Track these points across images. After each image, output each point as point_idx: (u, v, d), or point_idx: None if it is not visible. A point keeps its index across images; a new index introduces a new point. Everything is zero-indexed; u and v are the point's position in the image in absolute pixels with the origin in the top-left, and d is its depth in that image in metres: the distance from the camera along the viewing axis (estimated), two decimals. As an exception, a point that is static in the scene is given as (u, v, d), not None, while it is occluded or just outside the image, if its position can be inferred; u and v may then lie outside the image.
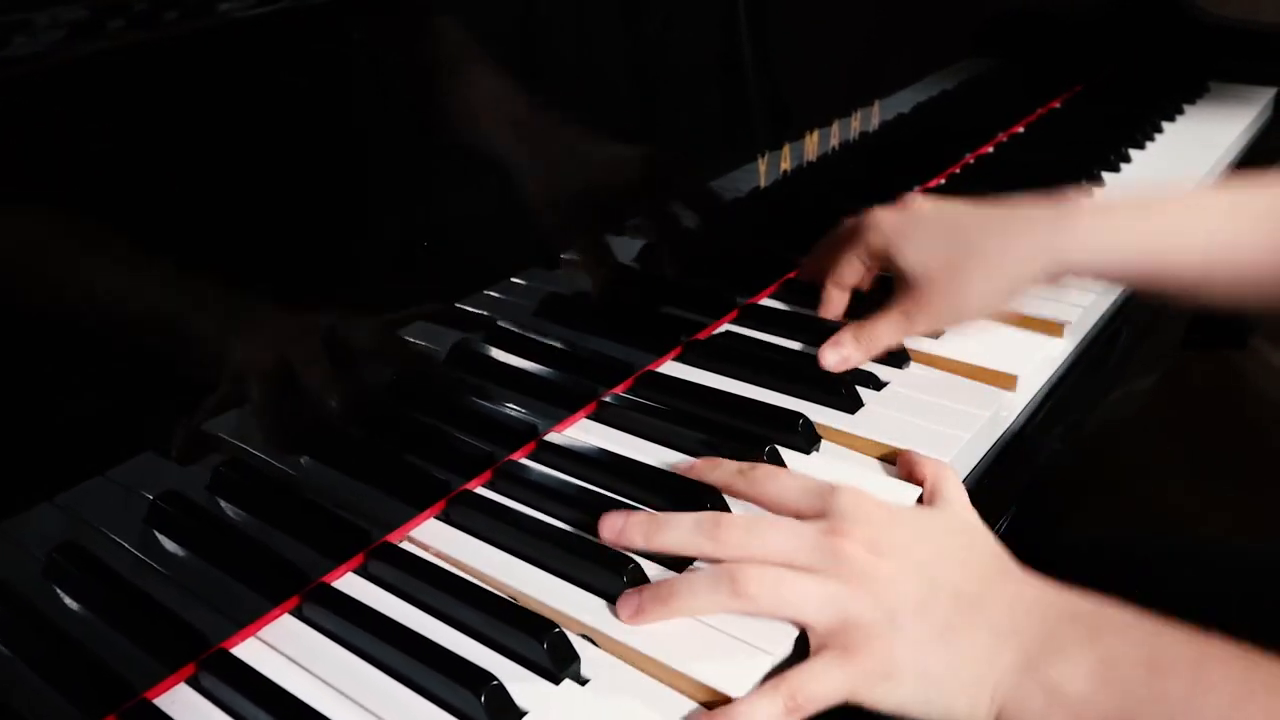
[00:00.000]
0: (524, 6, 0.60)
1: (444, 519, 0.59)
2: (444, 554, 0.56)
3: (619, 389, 0.70)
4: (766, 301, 0.83)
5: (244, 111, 0.48)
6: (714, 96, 0.77)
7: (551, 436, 0.65)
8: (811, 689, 0.46)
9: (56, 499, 0.45)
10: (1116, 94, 1.37)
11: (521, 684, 0.47)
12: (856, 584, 0.48)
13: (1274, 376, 1.05)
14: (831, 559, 0.49)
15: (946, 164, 1.09)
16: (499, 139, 0.61)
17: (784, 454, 0.62)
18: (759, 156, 0.79)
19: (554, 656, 0.48)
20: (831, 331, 0.72)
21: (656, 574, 0.53)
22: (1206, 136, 1.18)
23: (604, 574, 0.52)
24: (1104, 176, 1.07)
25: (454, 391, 0.62)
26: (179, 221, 0.46)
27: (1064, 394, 0.74)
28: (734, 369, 0.72)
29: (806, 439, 0.64)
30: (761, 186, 0.81)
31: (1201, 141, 1.17)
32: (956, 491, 0.57)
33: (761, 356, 0.73)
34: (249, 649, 0.51)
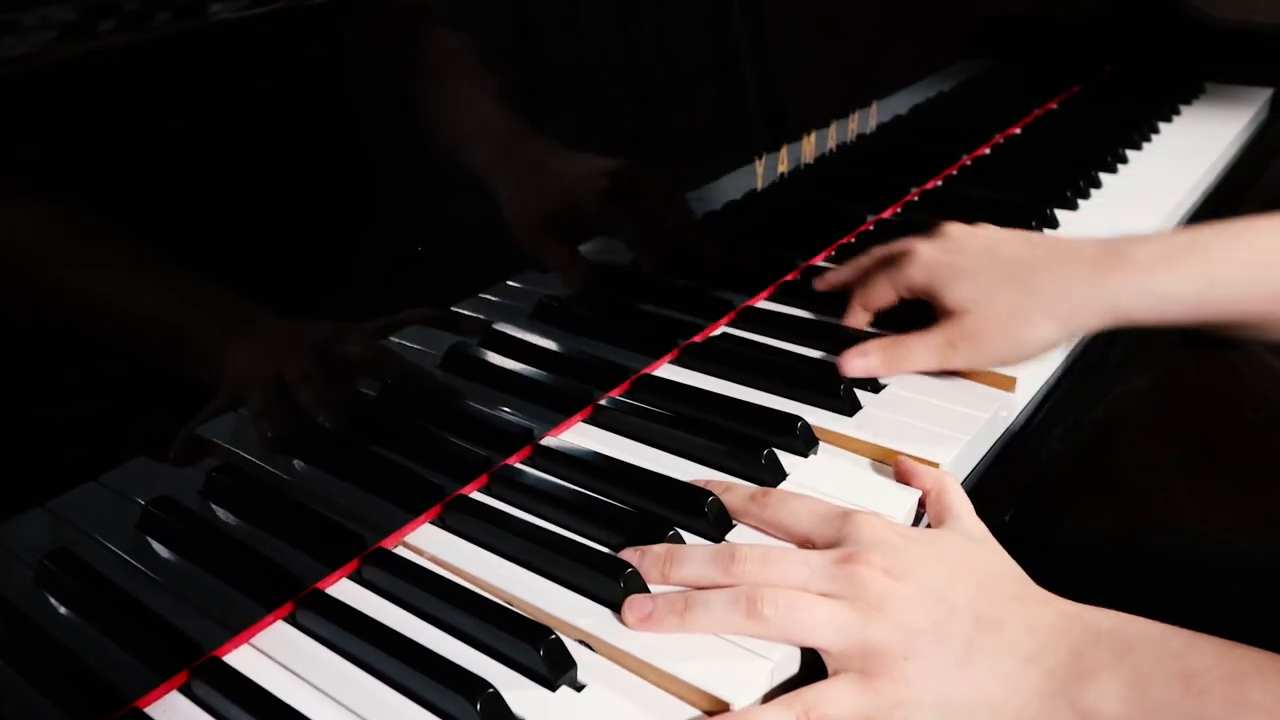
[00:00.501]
0: (519, 8, 0.60)
1: (439, 524, 0.59)
2: (439, 559, 0.56)
3: (615, 392, 0.70)
4: (763, 304, 0.82)
5: (240, 115, 0.47)
6: (711, 99, 0.77)
7: (547, 441, 0.65)
8: (826, 708, 0.45)
9: (49, 504, 0.44)
10: (1113, 95, 1.37)
11: (517, 691, 0.47)
12: (874, 609, 0.47)
13: (1273, 377, 1.05)
14: (848, 585, 0.48)
15: (944, 165, 1.08)
16: (494, 142, 0.61)
17: (782, 457, 0.62)
18: (756, 159, 0.79)
19: (550, 663, 0.47)
20: (829, 335, 0.72)
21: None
22: (1203, 137, 1.18)
23: (601, 579, 0.52)
24: (1101, 177, 1.06)
25: (449, 396, 0.62)
26: (172, 226, 0.46)
27: (1063, 395, 0.73)
28: (731, 372, 0.72)
29: (804, 442, 0.63)
30: (759, 189, 0.80)
31: (1199, 142, 1.17)
32: (964, 505, 0.56)
33: (759, 359, 0.73)
34: (242, 656, 0.50)
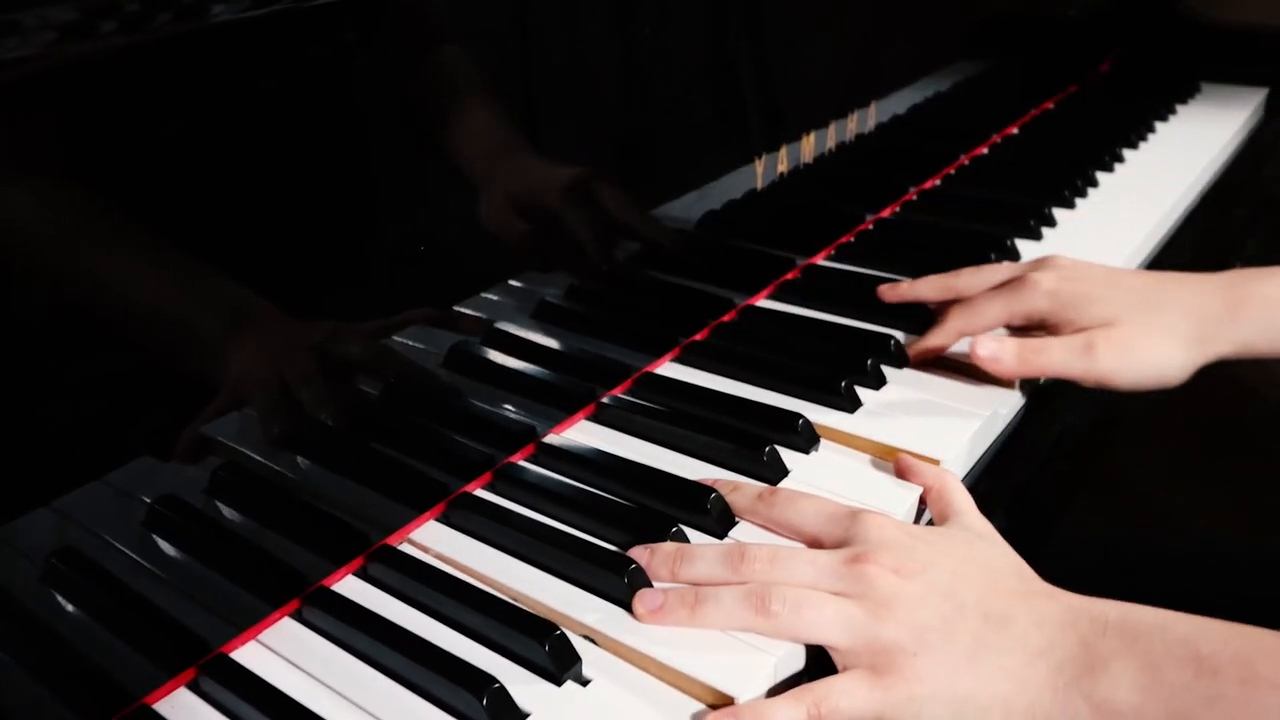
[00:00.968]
0: (519, 10, 0.60)
1: (444, 521, 0.59)
2: (444, 556, 0.56)
3: (617, 390, 0.70)
4: (764, 303, 0.83)
5: (246, 115, 0.48)
6: (712, 99, 0.77)
7: (550, 438, 0.65)
8: (836, 702, 0.46)
9: (54, 504, 0.44)
10: (1110, 95, 1.37)
11: (523, 686, 0.47)
12: (883, 608, 0.48)
13: (1272, 376, 1.05)
14: (857, 584, 0.49)
15: (942, 165, 1.09)
16: (495, 143, 0.61)
17: (783, 454, 0.62)
18: (756, 158, 0.80)
19: (556, 658, 0.48)
20: (830, 333, 0.72)
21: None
22: (1200, 136, 1.19)
23: (606, 575, 0.52)
24: (1098, 177, 1.07)
25: (453, 394, 0.62)
26: (176, 225, 0.46)
27: (1062, 393, 0.74)
28: (732, 370, 0.72)
29: (805, 439, 0.64)
30: (759, 188, 0.81)
31: (1194, 141, 1.17)
32: (966, 502, 0.57)
33: (760, 357, 0.73)
34: (249, 653, 0.50)
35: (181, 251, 0.47)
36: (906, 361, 0.73)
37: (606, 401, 0.68)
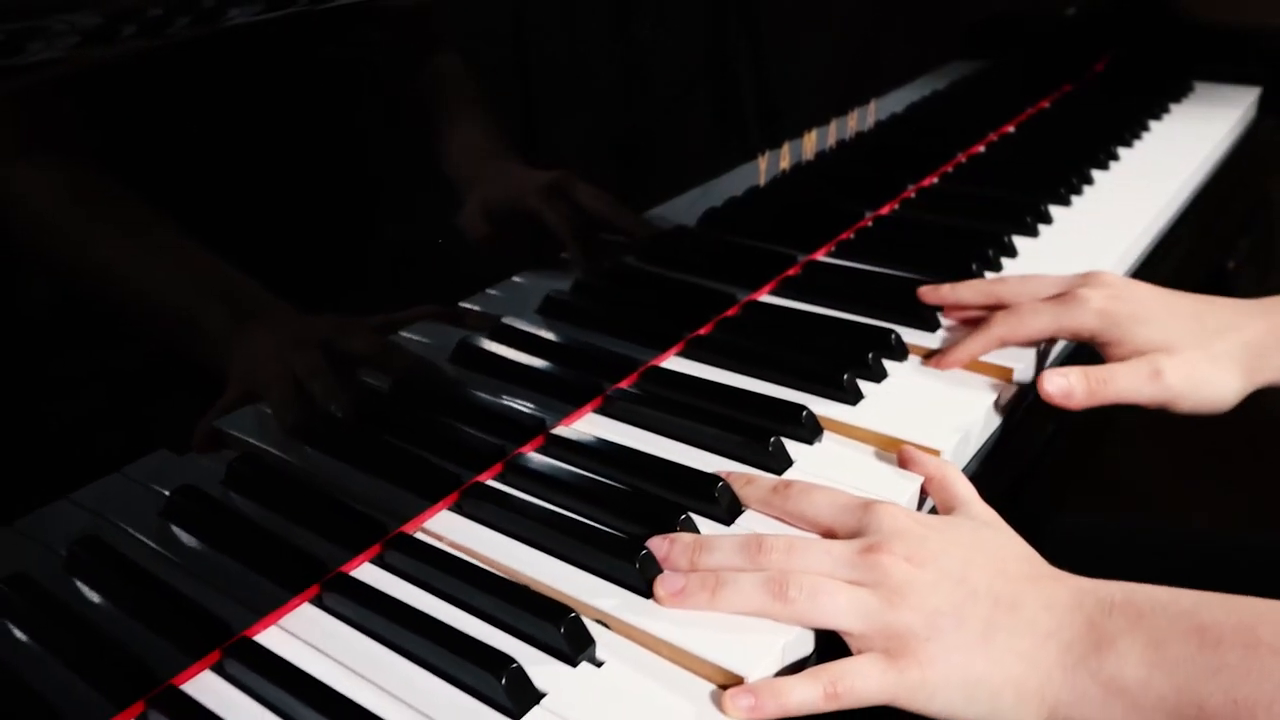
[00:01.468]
0: (521, 9, 0.62)
1: (457, 510, 0.60)
2: (458, 544, 0.57)
3: (624, 384, 0.71)
4: (767, 298, 0.84)
5: (259, 115, 0.49)
6: (715, 97, 0.78)
7: (559, 430, 0.66)
8: (851, 681, 0.47)
9: (74, 495, 0.45)
10: (1104, 94, 1.39)
11: (540, 666, 0.48)
12: (897, 595, 0.49)
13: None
14: (871, 573, 0.50)
15: (940, 163, 1.10)
16: (501, 140, 0.62)
17: (787, 444, 0.63)
18: (759, 155, 0.81)
19: (570, 640, 0.49)
20: (831, 328, 0.73)
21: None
22: (1193, 135, 1.20)
23: (618, 562, 0.53)
24: (1093, 174, 1.08)
25: (465, 388, 0.63)
26: (195, 224, 0.47)
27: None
28: (736, 363, 0.73)
29: (809, 430, 0.65)
30: (761, 185, 0.82)
31: (1188, 140, 1.19)
32: (969, 491, 0.58)
33: (762, 351, 0.75)
34: (271, 636, 0.52)
35: (197, 248, 0.48)
36: (907, 355, 0.74)
37: (614, 395, 0.70)
